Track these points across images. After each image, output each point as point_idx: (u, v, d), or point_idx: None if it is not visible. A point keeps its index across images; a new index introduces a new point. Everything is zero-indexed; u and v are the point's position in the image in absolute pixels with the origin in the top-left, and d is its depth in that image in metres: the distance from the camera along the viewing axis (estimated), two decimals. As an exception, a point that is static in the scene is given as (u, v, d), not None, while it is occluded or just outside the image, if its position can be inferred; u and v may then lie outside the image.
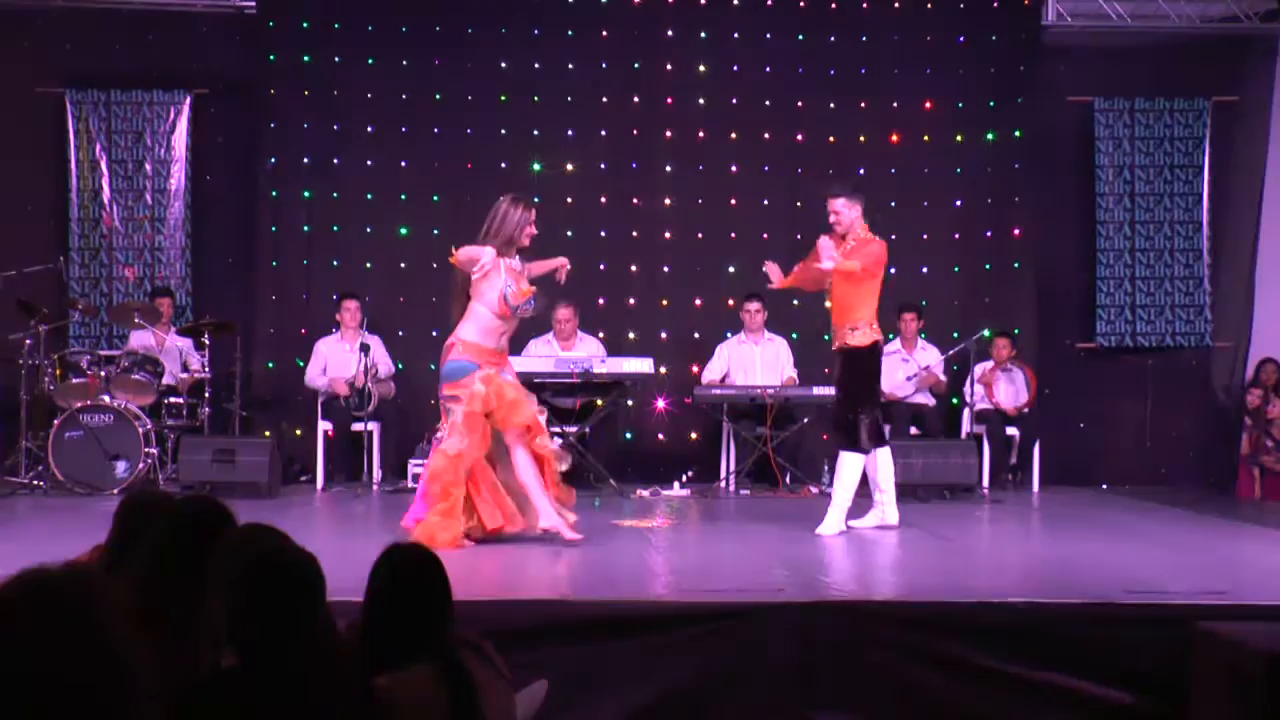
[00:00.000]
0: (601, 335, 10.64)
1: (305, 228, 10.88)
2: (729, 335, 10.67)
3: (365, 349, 9.85)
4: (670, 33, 11.04)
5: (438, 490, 6.85)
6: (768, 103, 11.06)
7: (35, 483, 9.35)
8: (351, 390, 9.97)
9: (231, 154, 10.99)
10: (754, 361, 10.38)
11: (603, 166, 11.03)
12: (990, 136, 11.18)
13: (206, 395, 9.86)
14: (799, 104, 11.08)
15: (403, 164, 10.89)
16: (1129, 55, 11.30)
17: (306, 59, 10.88)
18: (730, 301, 10.85)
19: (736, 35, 11.07)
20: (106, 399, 9.34)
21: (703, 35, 11.07)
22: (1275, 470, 10.53)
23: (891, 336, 10.63)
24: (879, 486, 7.85)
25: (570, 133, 11.01)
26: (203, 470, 9.20)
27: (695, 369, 10.76)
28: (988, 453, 10.23)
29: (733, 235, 11.09)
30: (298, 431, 10.71)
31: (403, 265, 10.84)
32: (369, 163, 10.88)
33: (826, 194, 7.85)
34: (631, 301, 11.05)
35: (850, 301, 7.66)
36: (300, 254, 10.87)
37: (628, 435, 10.94)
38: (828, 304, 8.06)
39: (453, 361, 6.87)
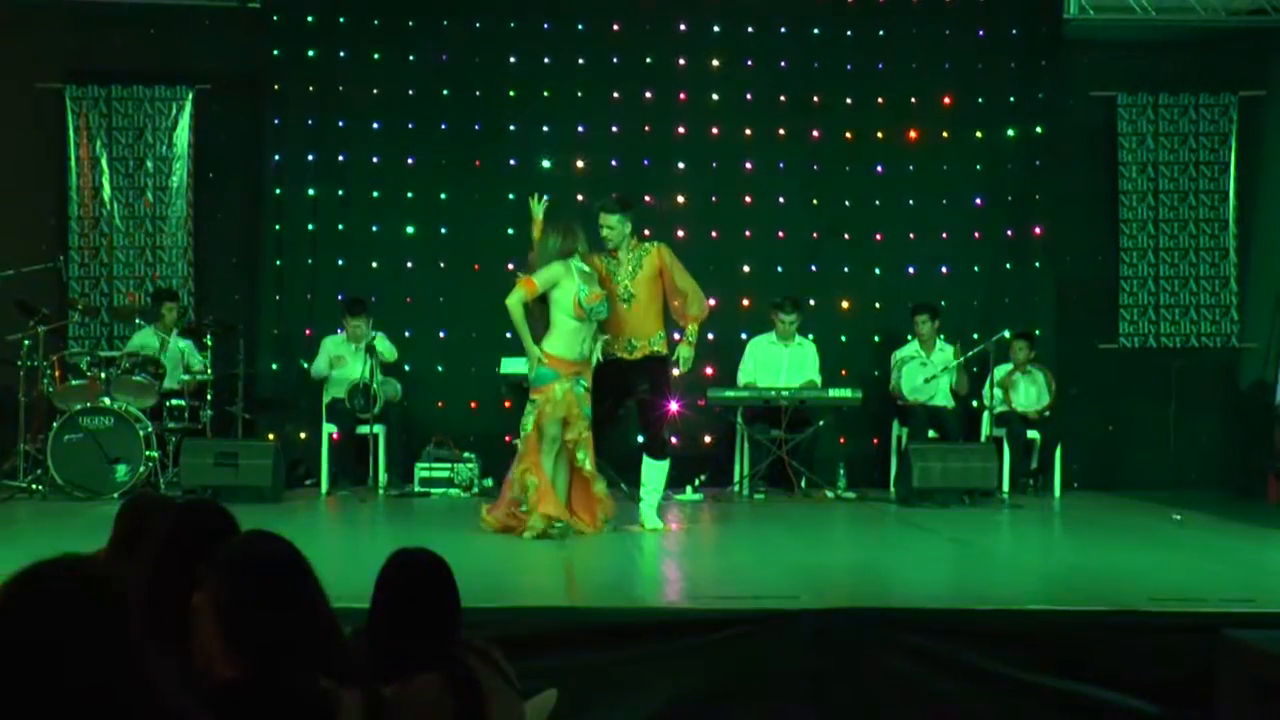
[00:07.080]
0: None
1: (309, 226, 10.75)
2: (745, 335, 10.49)
3: (370, 350, 9.67)
4: (683, 26, 10.93)
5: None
6: (783, 98, 10.90)
7: (34, 486, 9.25)
8: (356, 392, 9.79)
9: (234, 151, 10.88)
10: (780, 363, 10.22)
11: (614, 163, 10.88)
12: (1011, 133, 11.02)
13: (209, 397, 9.77)
14: (815, 100, 10.92)
15: (409, 161, 10.76)
16: (1153, 49, 11.16)
17: (311, 54, 10.76)
18: (745, 301, 10.72)
19: (751, 29, 10.93)
20: (107, 401, 9.24)
21: (716, 29, 10.94)
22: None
23: (910, 338, 10.48)
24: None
25: (581, 129, 10.88)
26: (205, 474, 9.14)
27: (710, 370, 10.57)
28: (1008, 456, 10.03)
29: (748, 234, 10.95)
30: (302, 434, 10.60)
31: (409, 265, 10.71)
32: (374, 160, 10.76)
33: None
34: (644, 301, 10.87)
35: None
36: (304, 253, 10.73)
37: (640, 438, 10.71)
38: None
39: (540, 369, 7.61)
